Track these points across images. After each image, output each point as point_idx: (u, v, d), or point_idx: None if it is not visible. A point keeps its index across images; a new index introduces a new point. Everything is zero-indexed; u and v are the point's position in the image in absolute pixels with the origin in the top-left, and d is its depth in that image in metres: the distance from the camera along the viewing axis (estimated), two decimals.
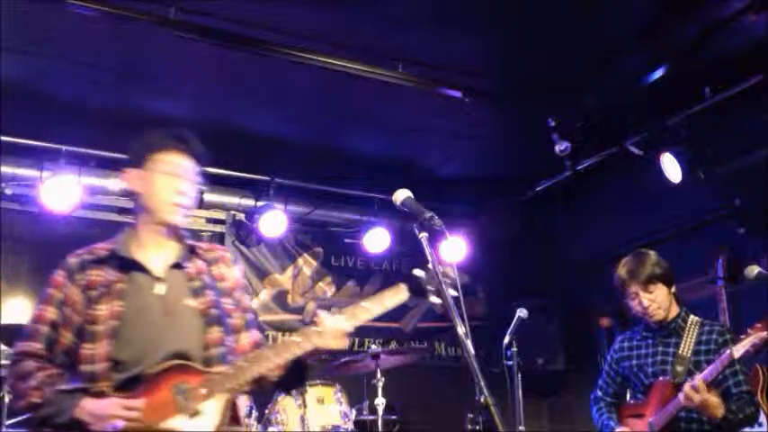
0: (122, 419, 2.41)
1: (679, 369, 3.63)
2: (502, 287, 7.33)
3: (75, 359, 2.56)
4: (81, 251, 2.74)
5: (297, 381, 2.93)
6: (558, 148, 5.54)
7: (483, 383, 2.48)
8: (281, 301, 6.78)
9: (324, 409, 4.85)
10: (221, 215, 6.66)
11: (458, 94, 5.33)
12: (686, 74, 5.05)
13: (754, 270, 3.89)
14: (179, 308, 2.65)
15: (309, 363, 2.76)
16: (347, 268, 7.12)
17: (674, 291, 3.76)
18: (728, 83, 5.04)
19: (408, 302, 3.00)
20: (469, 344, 2.57)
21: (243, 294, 2.86)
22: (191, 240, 2.84)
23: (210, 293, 2.72)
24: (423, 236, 2.74)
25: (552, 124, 5.53)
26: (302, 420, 4.72)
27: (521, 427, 4.85)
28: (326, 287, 7.02)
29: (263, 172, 6.42)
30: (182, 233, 2.81)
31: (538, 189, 6.77)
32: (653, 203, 6.05)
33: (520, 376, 4.84)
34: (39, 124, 5.59)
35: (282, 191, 6.48)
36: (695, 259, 5.53)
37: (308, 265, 6.96)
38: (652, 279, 3.68)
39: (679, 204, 5.83)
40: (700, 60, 4.96)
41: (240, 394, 2.64)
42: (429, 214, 2.74)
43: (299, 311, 6.78)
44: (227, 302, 2.75)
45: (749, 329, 3.50)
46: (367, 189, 6.73)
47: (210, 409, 2.52)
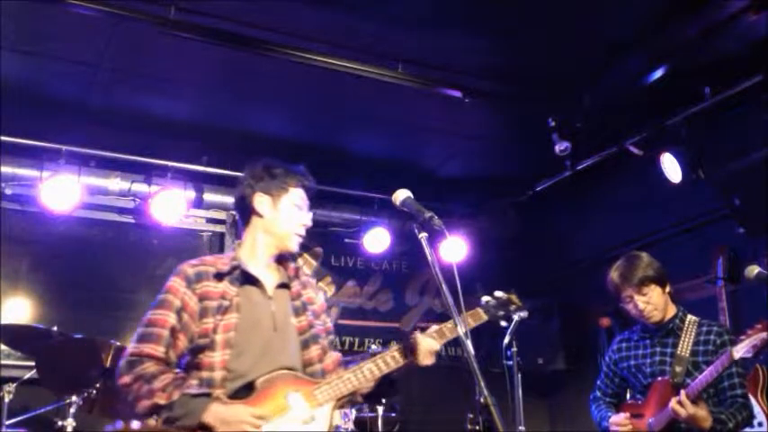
0: (251, 426, 2.56)
1: (677, 369, 3.64)
2: (502, 287, 7.32)
3: (192, 365, 2.73)
4: (196, 262, 2.89)
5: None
6: (558, 148, 5.54)
7: (483, 383, 2.48)
8: None
9: None
10: (221, 215, 6.65)
11: (458, 94, 5.33)
12: (686, 74, 5.04)
13: (754, 270, 3.89)
14: (285, 325, 2.86)
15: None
16: (347, 268, 7.12)
17: (669, 291, 3.77)
18: (728, 83, 5.04)
19: (409, 302, 3.11)
20: (469, 344, 2.58)
21: (327, 317, 3.07)
22: (294, 264, 3.04)
23: (308, 314, 2.93)
24: (423, 236, 2.76)
25: (552, 124, 5.53)
26: None
27: (521, 427, 4.85)
28: (326, 287, 7.01)
29: None
30: (289, 257, 3.03)
31: (538, 189, 6.77)
32: (653, 203, 6.04)
33: (520, 376, 4.85)
34: (39, 124, 5.59)
35: None
36: (695, 259, 5.53)
37: (308, 264, 6.94)
38: (645, 281, 3.68)
39: (679, 204, 5.83)
40: (700, 60, 4.96)
41: (343, 404, 2.84)
42: (429, 214, 2.76)
43: None
44: (318, 324, 2.95)
45: (749, 330, 3.50)
46: (367, 189, 6.73)
47: (321, 416, 2.71)
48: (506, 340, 4.73)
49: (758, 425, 4.64)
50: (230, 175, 6.38)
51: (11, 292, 5.80)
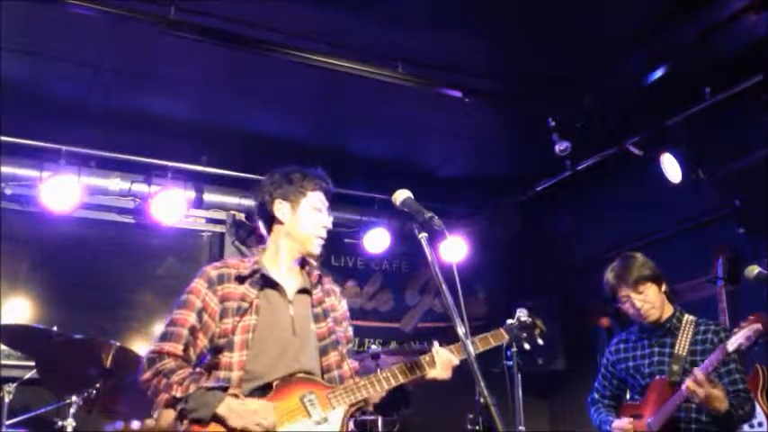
0: (262, 421, 2.63)
1: (675, 368, 3.64)
2: (502, 287, 7.34)
3: (211, 365, 2.81)
4: (219, 264, 2.97)
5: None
6: (558, 148, 5.54)
7: (483, 383, 2.48)
8: None
9: None
10: (221, 215, 6.66)
11: (458, 94, 5.33)
12: (686, 74, 5.04)
13: (754, 270, 3.89)
14: (304, 330, 2.92)
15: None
16: (347, 268, 7.12)
17: (666, 290, 3.77)
18: (728, 83, 5.03)
19: (409, 302, 3.15)
20: (470, 344, 2.58)
21: (348, 326, 3.13)
22: (318, 270, 3.09)
23: (329, 321, 2.98)
24: (423, 236, 2.77)
25: (552, 124, 5.53)
26: None
27: (521, 427, 4.85)
28: None
29: (262, 172, 6.38)
30: (312, 262, 3.08)
31: (538, 189, 6.76)
32: (653, 203, 6.04)
33: (520, 376, 4.84)
34: (39, 124, 5.59)
35: None
36: (695, 259, 5.53)
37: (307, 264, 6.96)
38: (640, 280, 3.69)
39: (679, 204, 5.82)
40: (700, 60, 4.96)
41: (355, 411, 2.87)
42: (429, 214, 2.77)
43: None
44: (339, 331, 3.01)
45: (742, 322, 3.51)
46: (367, 189, 6.73)
47: (334, 419, 2.76)
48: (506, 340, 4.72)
49: (758, 425, 4.64)
50: (230, 175, 6.39)
51: (11, 292, 5.80)
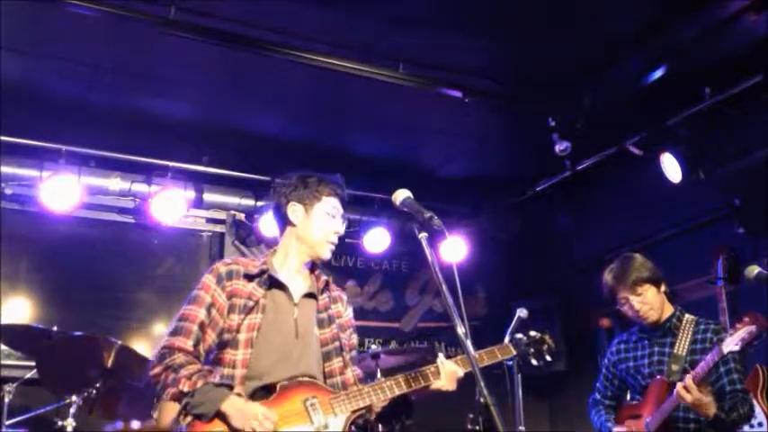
0: (263, 422, 2.64)
1: (674, 368, 3.64)
2: (502, 287, 7.34)
3: (215, 360, 2.84)
4: (229, 261, 3.01)
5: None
6: (558, 148, 5.54)
7: (483, 384, 2.48)
8: None
9: None
10: (221, 215, 6.65)
11: (458, 94, 5.33)
12: (686, 74, 5.04)
13: (754, 270, 3.89)
14: (307, 334, 2.93)
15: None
16: (347, 268, 7.12)
17: (665, 290, 3.76)
18: (728, 83, 5.04)
19: (409, 302, 3.16)
20: (469, 344, 2.58)
21: (353, 333, 3.14)
22: (325, 276, 3.09)
23: (334, 327, 3.00)
24: (422, 236, 2.77)
25: (552, 124, 5.53)
26: None
27: (521, 428, 4.85)
28: None
29: (262, 172, 6.42)
30: (320, 267, 3.10)
31: (538, 189, 6.77)
32: (653, 203, 6.04)
33: (520, 377, 4.83)
34: (39, 124, 5.59)
35: None
36: (695, 259, 5.53)
37: None
38: (638, 281, 3.68)
39: (679, 204, 5.82)
40: (700, 60, 4.96)
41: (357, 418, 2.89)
42: (429, 214, 2.77)
43: None
44: (343, 338, 3.02)
45: (737, 324, 3.51)
46: (367, 189, 6.72)
47: (336, 425, 2.77)
48: (506, 340, 4.72)
49: (758, 425, 4.64)
50: (230, 175, 6.39)
51: (11, 292, 5.80)
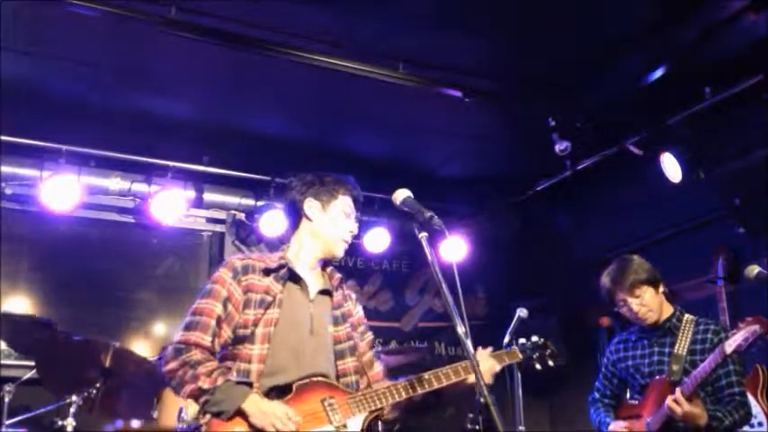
0: (284, 423, 2.62)
1: (675, 368, 3.64)
2: (502, 287, 7.33)
3: (229, 355, 2.81)
4: (244, 256, 2.99)
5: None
6: (558, 147, 5.54)
7: (483, 383, 2.48)
8: None
9: None
10: (221, 215, 6.66)
11: (458, 94, 5.33)
12: (686, 74, 5.04)
13: (754, 270, 3.89)
14: (321, 331, 2.93)
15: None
16: (347, 268, 7.11)
17: (664, 291, 3.76)
18: (728, 83, 5.03)
19: (409, 302, 3.17)
20: (469, 344, 2.58)
21: (367, 330, 3.14)
22: (339, 274, 3.11)
23: (347, 326, 3.00)
24: (422, 236, 2.77)
25: (552, 124, 5.52)
26: None
27: (521, 427, 4.85)
28: None
29: (263, 172, 6.42)
30: (334, 265, 3.11)
31: (538, 189, 6.76)
32: (653, 203, 6.04)
33: (520, 376, 4.84)
34: (39, 124, 5.59)
35: (282, 191, 6.42)
36: (695, 259, 5.53)
37: None
38: (636, 283, 3.69)
39: (679, 204, 5.82)
40: (700, 60, 4.96)
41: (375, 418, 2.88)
42: (429, 214, 2.77)
43: None
44: (356, 336, 3.02)
45: (740, 323, 3.52)
46: (367, 189, 6.70)
47: (354, 425, 2.77)
48: (506, 340, 4.72)
49: (758, 425, 4.64)
50: (230, 175, 6.39)
51: (11, 291, 5.81)
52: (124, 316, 6.23)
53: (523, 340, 3.32)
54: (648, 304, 3.71)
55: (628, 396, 4.00)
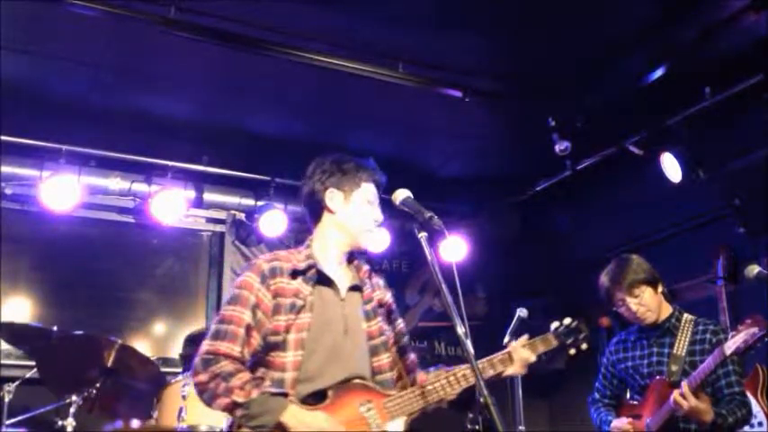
0: None
1: (674, 368, 3.64)
2: (502, 287, 7.33)
3: (261, 363, 2.66)
4: (269, 257, 2.81)
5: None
6: (558, 148, 5.54)
7: (483, 383, 2.48)
8: None
9: None
10: (221, 215, 6.66)
11: (458, 94, 5.33)
12: (686, 74, 5.04)
13: (754, 270, 3.89)
14: (356, 329, 2.78)
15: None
16: None
17: (663, 290, 3.76)
18: (728, 83, 5.03)
19: (409, 301, 3.10)
20: (469, 344, 2.57)
21: (398, 317, 2.98)
22: (367, 265, 2.95)
23: (379, 319, 2.85)
24: (422, 236, 2.76)
25: (552, 124, 5.52)
26: None
27: (521, 427, 4.85)
28: None
29: (263, 172, 6.42)
30: (358, 256, 2.94)
31: (538, 189, 6.76)
32: (653, 203, 6.04)
33: (520, 376, 4.83)
34: (39, 124, 5.59)
35: (282, 191, 6.48)
36: (695, 259, 5.53)
37: None
38: (635, 283, 3.68)
39: (679, 204, 5.82)
40: (700, 60, 4.96)
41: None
42: (429, 214, 2.76)
43: None
44: (388, 328, 2.88)
45: (739, 326, 3.52)
46: None
47: (395, 427, 2.68)
48: (506, 340, 4.72)
49: (758, 425, 4.64)
50: (230, 174, 6.39)
51: (11, 292, 5.80)
52: (124, 316, 6.23)
53: (556, 324, 3.13)
54: (647, 304, 3.70)
55: (628, 397, 3.99)
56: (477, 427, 5.11)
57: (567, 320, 3.14)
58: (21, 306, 5.84)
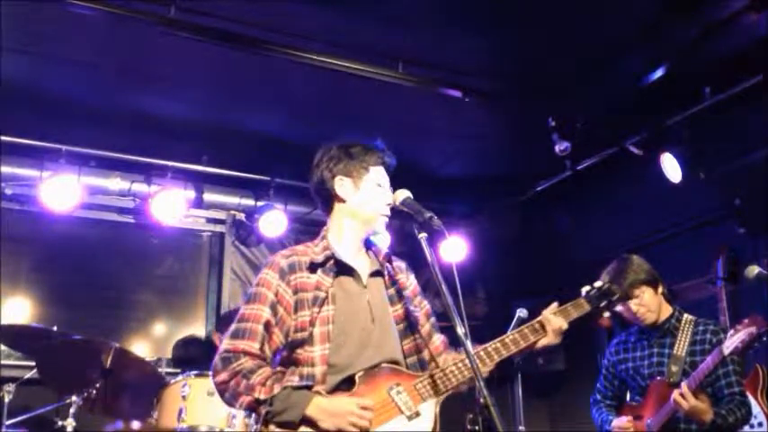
0: (359, 419, 2.46)
1: (674, 369, 3.64)
2: (502, 287, 7.33)
3: (289, 361, 2.62)
4: (288, 252, 2.77)
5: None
6: (558, 148, 5.54)
7: (483, 383, 2.48)
8: None
9: None
10: (221, 215, 6.66)
11: (458, 94, 5.33)
12: (686, 74, 5.04)
13: (754, 270, 3.90)
14: (383, 315, 2.75)
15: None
16: None
17: (663, 291, 3.76)
18: (728, 83, 5.03)
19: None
20: (469, 344, 2.57)
21: (423, 299, 2.96)
22: (386, 250, 2.92)
23: (404, 302, 2.82)
24: (422, 236, 2.76)
25: (552, 124, 5.52)
26: None
27: (521, 427, 4.86)
28: None
29: (263, 172, 6.42)
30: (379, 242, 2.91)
31: (538, 189, 6.76)
32: (653, 203, 6.04)
33: (520, 376, 4.84)
34: (39, 124, 5.59)
35: (282, 191, 6.48)
36: (695, 259, 5.52)
37: None
38: (635, 284, 3.68)
39: (679, 204, 5.82)
40: (700, 60, 4.96)
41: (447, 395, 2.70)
42: (429, 214, 2.75)
43: None
44: (414, 310, 2.84)
45: (737, 325, 3.52)
46: None
47: (426, 411, 2.60)
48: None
49: (758, 425, 4.64)
50: (230, 175, 6.39)
51: (11, 292, 5.81)
52: (124, 316, 6.23)
53: (588, 288, 3.02)
54: (647, 304, 3.70)
55: (628, 397, 3.99)
56: (477, 428, 5.11)
57: (599, 283, 3.05)
58: (21, 306, 5.85)
